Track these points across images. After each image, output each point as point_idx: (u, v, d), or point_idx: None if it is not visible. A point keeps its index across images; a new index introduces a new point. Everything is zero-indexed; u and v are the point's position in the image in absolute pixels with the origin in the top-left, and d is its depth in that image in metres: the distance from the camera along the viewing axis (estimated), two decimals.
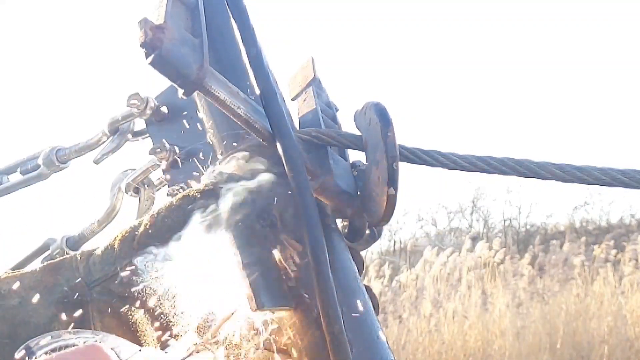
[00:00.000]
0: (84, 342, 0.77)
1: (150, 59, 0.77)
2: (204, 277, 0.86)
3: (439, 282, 7.17)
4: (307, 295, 0.90)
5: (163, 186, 1.22)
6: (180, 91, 0.81)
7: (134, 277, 0.85)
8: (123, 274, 0.86)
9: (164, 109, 1.15)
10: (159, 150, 1.13)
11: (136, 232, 0.88)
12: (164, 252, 0.85)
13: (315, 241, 0.86)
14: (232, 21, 0.97)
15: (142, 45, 0.76)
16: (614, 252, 7.37)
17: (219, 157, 1.00)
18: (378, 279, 7.66)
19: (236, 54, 0.99)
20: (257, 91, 0.93)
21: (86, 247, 1.26)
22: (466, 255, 7.44)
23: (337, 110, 1.13)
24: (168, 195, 1.13)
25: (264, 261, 0.91)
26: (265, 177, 0.91)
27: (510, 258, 7.53)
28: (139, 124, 1.22)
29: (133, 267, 0.86)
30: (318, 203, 0.92)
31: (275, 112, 0.90)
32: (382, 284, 7.50)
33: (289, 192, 0.90)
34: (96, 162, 1.21)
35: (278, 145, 0.89)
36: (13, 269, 1.27)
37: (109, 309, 0.87)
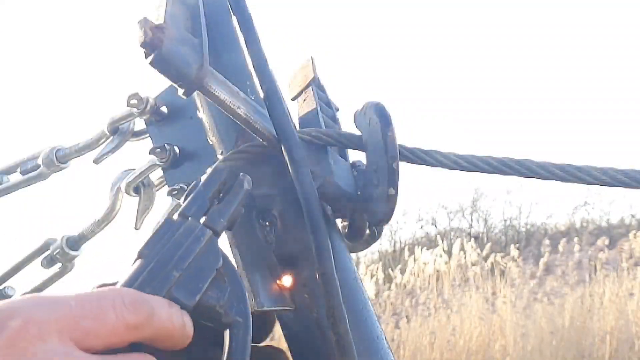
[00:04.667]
0: None
1: (150, 58, 0.76)
2: None
3: (438, 282, 7.17)
4: (307, 296, 0.90)
5: (163, 186, 1.22)
6: (180, 91, 0.81)
7: None
8: None
9: (164, 109, 1.14)
10: (159, 150, 1.12)
11: None
12: None
13: (321, 242, 0.86)
14: (234, 20, 0.96)
15: (142, 45, 0.76)
16: (614, 252, 7.36)
17: (219, 157, 1.00)
18: (374, 279, 7.66)
19: (237, 54, 0.99)
20: (259, 91, 0.92)
21: (86, 246, 1.26)
22: (464, 256, 7.44)
23: (337, 110, 1.13)
24: (168, 195, 1.12)
25: (264, 260, 0.91)
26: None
27: (512, 259, 7.53)
28: (139, 124, 1.22)
29: None
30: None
31: (280, 113, 0.89)
32: (377, 284, 7.51)
33: (289, 192, 0.90)
34: (96, 162, 1.21)
35: (282, 146, 0.89)
36: (13, 268, 1.27)
37: None
